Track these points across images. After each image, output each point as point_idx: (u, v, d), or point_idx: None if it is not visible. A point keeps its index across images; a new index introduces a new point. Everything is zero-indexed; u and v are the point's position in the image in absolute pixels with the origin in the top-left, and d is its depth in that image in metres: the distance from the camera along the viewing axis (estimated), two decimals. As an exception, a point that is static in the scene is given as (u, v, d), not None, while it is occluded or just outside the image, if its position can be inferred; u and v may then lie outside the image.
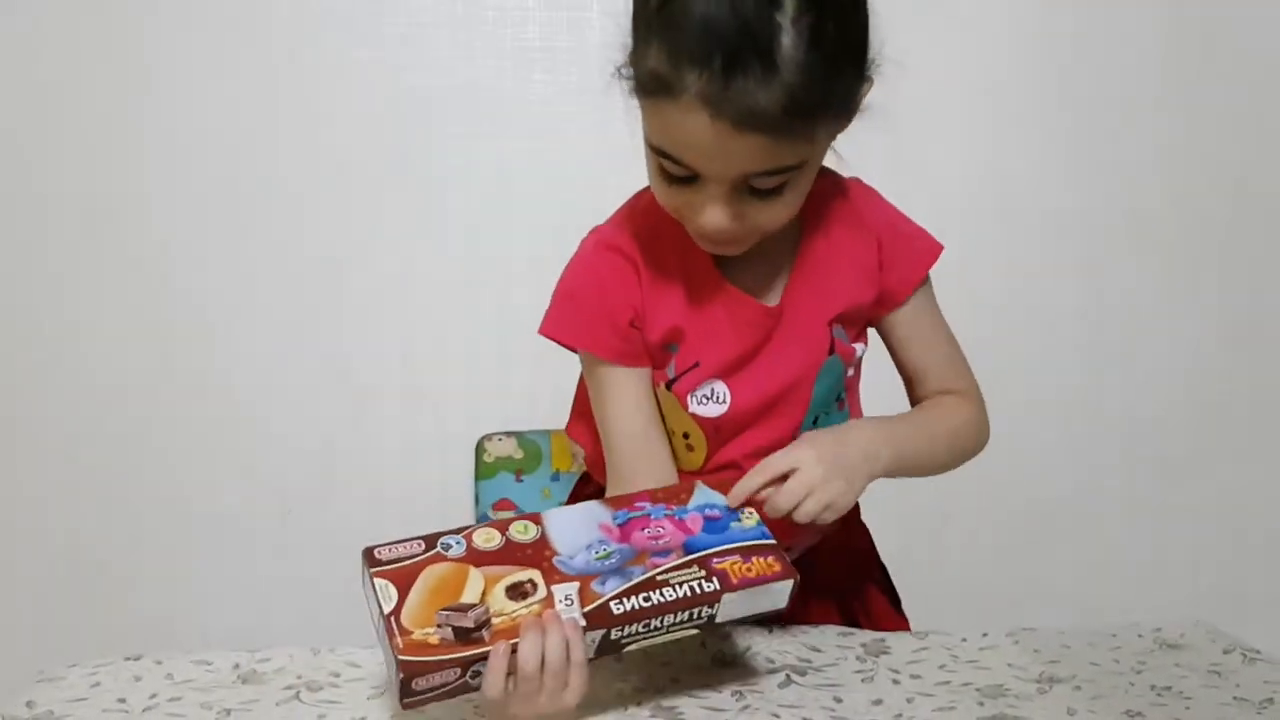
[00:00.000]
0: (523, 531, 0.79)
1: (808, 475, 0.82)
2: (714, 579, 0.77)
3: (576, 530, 0.80)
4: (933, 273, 0.97)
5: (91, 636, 1.51)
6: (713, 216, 0.81)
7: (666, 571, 0.77)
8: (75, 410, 1.51)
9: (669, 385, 0.92)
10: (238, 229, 1.50)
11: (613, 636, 0.75)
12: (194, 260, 1.50)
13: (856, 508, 1.03)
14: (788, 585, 0.78)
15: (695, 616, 0.76)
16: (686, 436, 0.94)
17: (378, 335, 1.53)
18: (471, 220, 1.51)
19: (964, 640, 0.92)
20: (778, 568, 0.78)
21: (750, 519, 0.82)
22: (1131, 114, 1.60)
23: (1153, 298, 1.65)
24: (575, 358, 0.96)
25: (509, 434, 1.37)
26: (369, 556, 0.78)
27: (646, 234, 0.91)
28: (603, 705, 0.79)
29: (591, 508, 0.82)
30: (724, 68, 0.72)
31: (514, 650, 0.71)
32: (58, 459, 1.52)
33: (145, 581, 1.55)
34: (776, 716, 0.79)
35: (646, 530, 0.80)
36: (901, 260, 0.95)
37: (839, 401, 0.97)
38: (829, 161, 0.88)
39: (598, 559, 0.78)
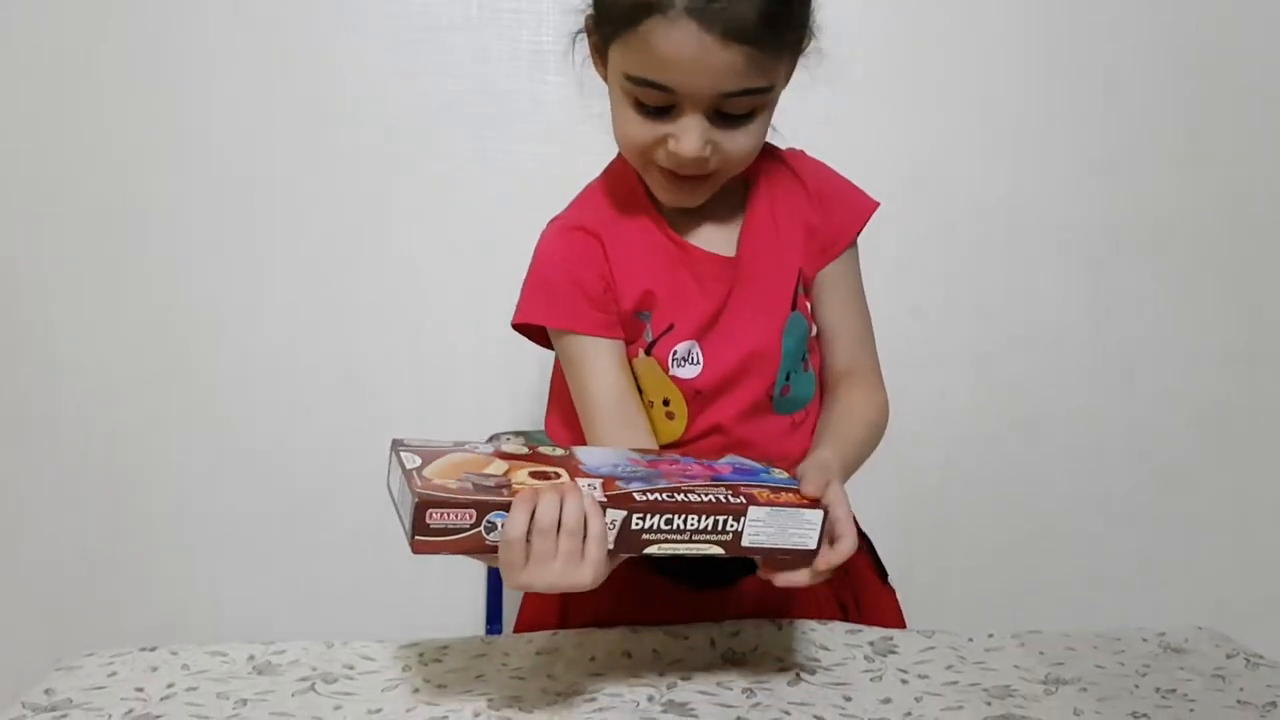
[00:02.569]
0: (551, 449, 0.81)
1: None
2: (740, 496, 0.77)
3: (604, 454, 0.82)
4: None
5: (101, 631, 1.52)
6: (689, 141, 0.85)
7: (693, 486, 0.77)
8: (89, 409, 1.52)
9: (648, 350, 0.94)
10: (249, 231, 1.50)
11: (633, 526, 0.73)
12: (206, 262, 1.50)
13: None
14: (818, 516, 0.77)
15: (720, 528, 0.75)
16: (667, 404, 0.95)
17: (389, 335, 1.54)
18: (484, 221, 1.51)
19: (970, 641, 0.93)
20: (807, 501, 0.78)
21: (779, 472, 0.82)
22: (1135, 130, 1.61)
23: (1155, 311, 1.65)
24: None
25: (517, 433, 1.37)
26: (396, 443, 0.78)
27: (604, 212, 0.97)
28: (614, 700, 0.80)
29: (621, 450, 0.84)
30: None
31: None
32: (73, 456, 1.52)
33: (154, 579, 1.56)
34: (787, 714, 0.80)
35: (675, 465, 0.81)
36: (838, 212, 0.99)
37: (804, 362, 0.99)
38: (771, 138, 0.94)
39: (626, 470, 0.78)
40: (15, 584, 1.54)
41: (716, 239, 0.96)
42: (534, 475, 0.75)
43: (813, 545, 0.78)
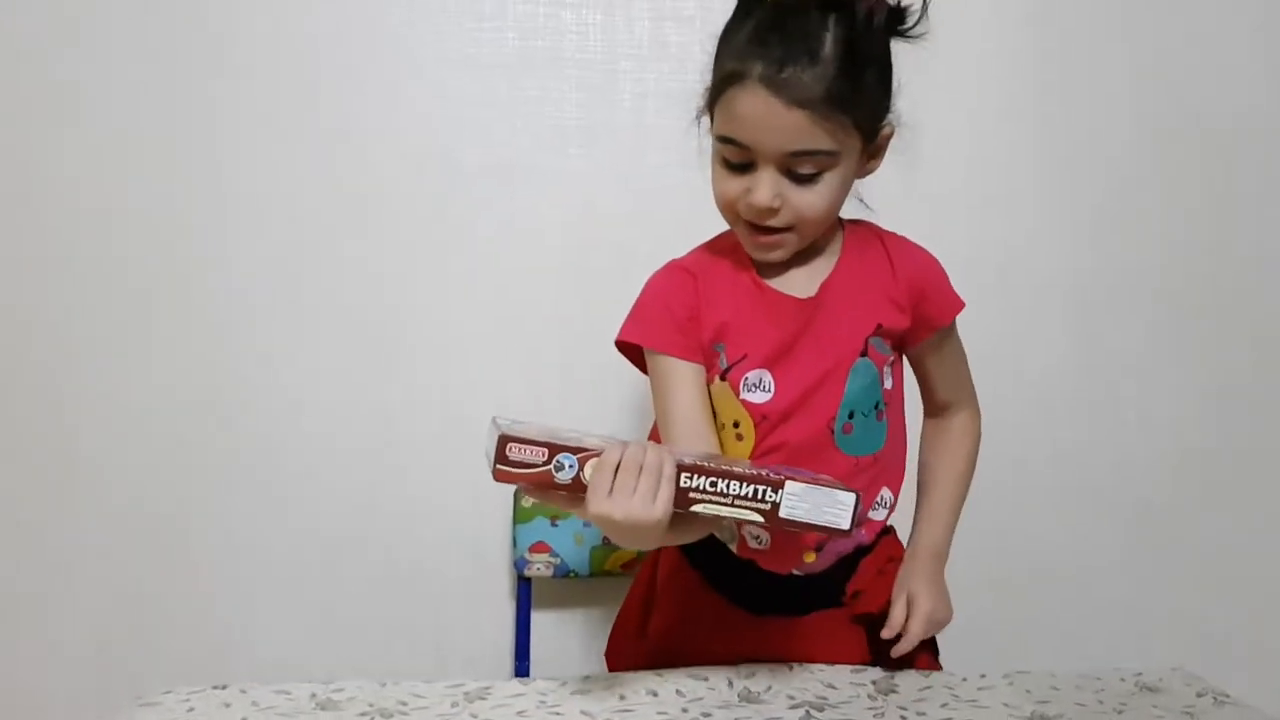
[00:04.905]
0: None
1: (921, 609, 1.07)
2: (780, 474, 0.89)
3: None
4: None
5: (148, 669, 1.60)
6: (761, 191, 0.99)
7: (742, 467, 0.90)
8: (131, 453, 1.60)
9: (723, 376, 1.07)
10: (291, 284, 1.60)
11: (681, 483, 0.88)
12: (248, 313, 1.59)
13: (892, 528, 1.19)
14: (850, 498, 0.89)
15: (759, 496, 0.88)
16: (737, 425, 1.08)
17: (422, 385, 1.62)
18: (510, 281, 1.61)
19: (964, 680, 1.03)
20: (842, 485, 0.90)
21: (837, 485, 0.92)
22: (1119, 183, 1.70)
23: (1140, 356, 1.73)
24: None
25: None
26: (501, 451, 0.88)
27: (706, 257, 1.12)
28: (643, 734, 0.90)
29: (690, 452, 0.96)
30: (779, 59, 0.95)
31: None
32: (119, 498, 1.61)
33: (192, 618, 1.64)
34: (797, 746, 0.89)
35: (734, 461, 0.95)
36: (932, 304, 1.11)
37: (878, 411, 1.09)
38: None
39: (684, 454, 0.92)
40: (59, 623, 1.62)
41: (798, 284, 1.08)
42: None
43: (845, 525, 0.89)
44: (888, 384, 1.10)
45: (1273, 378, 1.76)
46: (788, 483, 0.88)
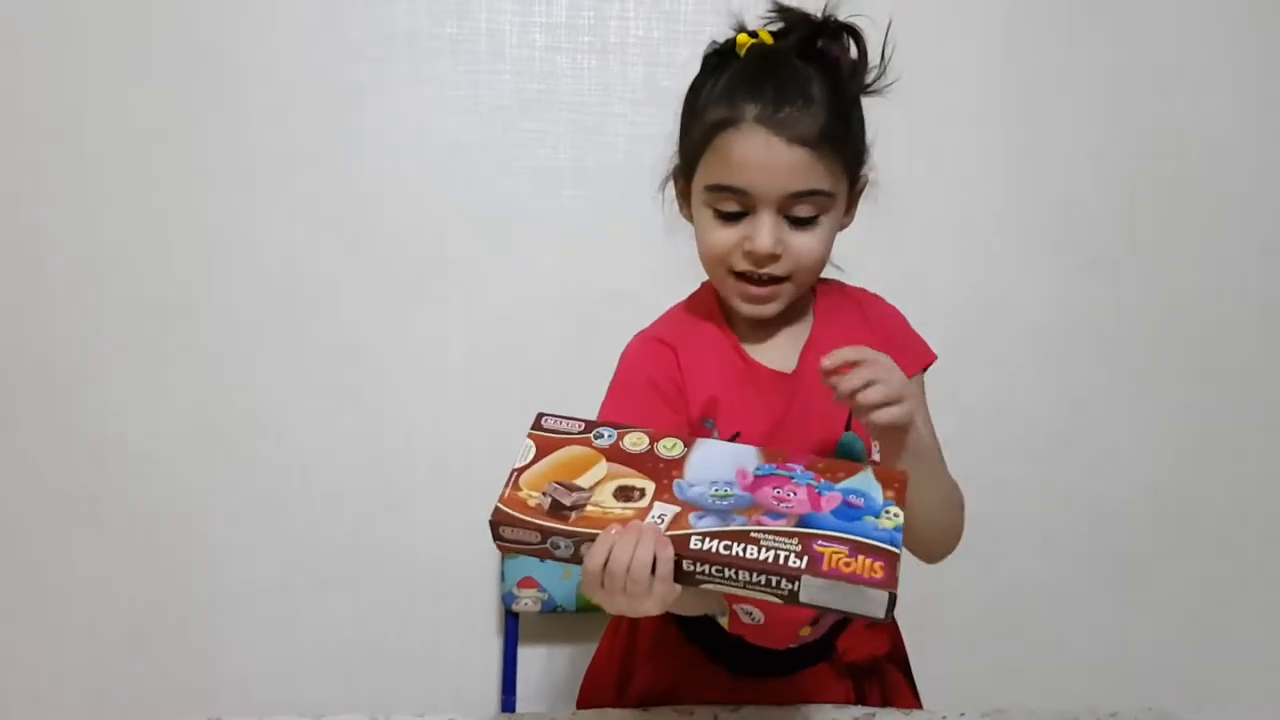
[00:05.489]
0: (669, 449, 0.86)
1: (873, 365, 0.90)
2: (804, 558, 0.76)
3: (714, 465, 0.85)
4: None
5: (143, 701, 1.61)
6: (763, 236, 0.96)
7: (764, 531, 0.78)
8: (130, 488, 1.62)
9: None
10: (285, 320, 1.62)
11: (685, 568, 0.78)
12: (242, 348, 1.61)
13: None
14: (883, 596, 0.75)
15: (773, 584, 0.76)
16: None
17: (413, 421, 1.64)
18: (503, 319, 1.64)
19: (944, 718, 1.04)
20: (879, 574, 0.75)
21: (890, 520, 0.80)
22: (1093, 227, 1.73)
23: (1116, 400, 1.76)
24: None
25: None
26: (538, 420, 0.89)
27: (681, 327, 1.07)
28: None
29: (744, 451, 0.87)
30: (774, 99, 0.94)
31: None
32: (113, 537, 1.62)
33: (184, 652, 1.65)
34: (780, 784, 0.90)
35: (777, 490, 0.82)
36: (906, 349, 1.06)
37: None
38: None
39: (713, 496, 0.82)
40: (50, 656, 1.63)
41: (778, 355, 1.05)
42: (619, 492, 0.83)
43: (880, 615, 0.76)
44: (875, 454, 1.05)
45: (1248, 419, 1.79)
46: (804, 577, 0.75)
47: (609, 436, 0.87)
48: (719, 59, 1.01)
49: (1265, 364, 1.78)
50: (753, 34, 0.99)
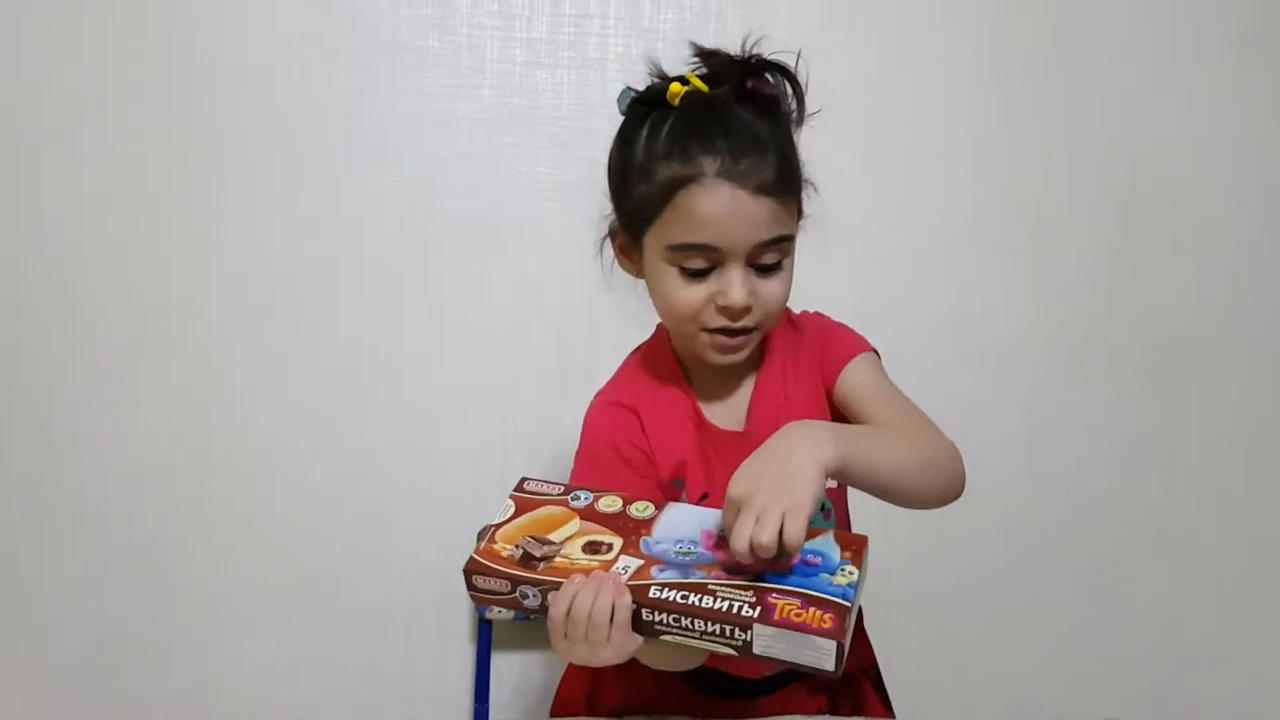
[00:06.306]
0: (641, 510, 0.91)
1: (750, 505, 0.82)
2: (758, 608, 0.79)
3: (681, 525, 0.89)
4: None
5: (122, 708, 1.60)
6: (736, 290, 0.95)
7: (721, 584, 0.82)
8: (109, 493, 1.61)
9: None
10: (271, 327, 1.62)
11: (644, 617, 0.82)
12: (228, 356, 1.61)
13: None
14: (830, 646, 0.78)
15: (728, 634, 0.80)
16: None
17: (393, 432, 1.65)
18: (485, 330, 1.65)
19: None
20: (828, 625, 0.78)
21: (845, 577, 0.82)
22: (1072, 251, 1.76)
23: (1087, 414, 1.78)
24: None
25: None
26: (520, 483, 0.95)
27: (640, 386, 1.07)
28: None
29: (711, 514, 0.89)
30: (731, 151, 0.93)
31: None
32: (96, 542, 1.62)
33: (165, 657, 1.64)
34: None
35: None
36: (832, 349, 1.07)
37: (824, 510, 1.06)
38: None
39: (677, 553, 0.86)
40: (37, 662, 1.62)
41: (730, 416, 1.06)
42: (588, 546, 0.87)
43: (830, 668, 0.79)
44: (831, 481, 1.04)
45: (1216, 430, 1.81)
46: (755, 625, 0.79)
47: (585, 499, 0.92)
48: (647, 108, 0.98)
49: (1233, 374, 1.81)
50: (683, 80, 0.97)
